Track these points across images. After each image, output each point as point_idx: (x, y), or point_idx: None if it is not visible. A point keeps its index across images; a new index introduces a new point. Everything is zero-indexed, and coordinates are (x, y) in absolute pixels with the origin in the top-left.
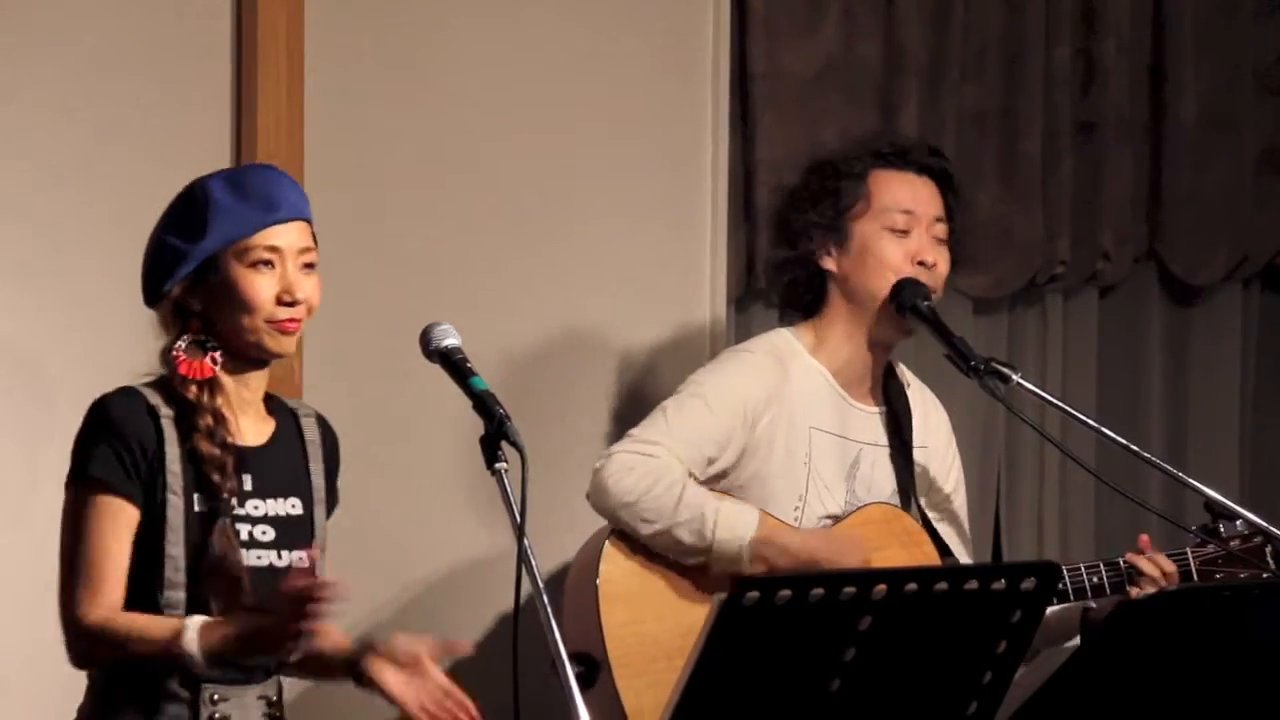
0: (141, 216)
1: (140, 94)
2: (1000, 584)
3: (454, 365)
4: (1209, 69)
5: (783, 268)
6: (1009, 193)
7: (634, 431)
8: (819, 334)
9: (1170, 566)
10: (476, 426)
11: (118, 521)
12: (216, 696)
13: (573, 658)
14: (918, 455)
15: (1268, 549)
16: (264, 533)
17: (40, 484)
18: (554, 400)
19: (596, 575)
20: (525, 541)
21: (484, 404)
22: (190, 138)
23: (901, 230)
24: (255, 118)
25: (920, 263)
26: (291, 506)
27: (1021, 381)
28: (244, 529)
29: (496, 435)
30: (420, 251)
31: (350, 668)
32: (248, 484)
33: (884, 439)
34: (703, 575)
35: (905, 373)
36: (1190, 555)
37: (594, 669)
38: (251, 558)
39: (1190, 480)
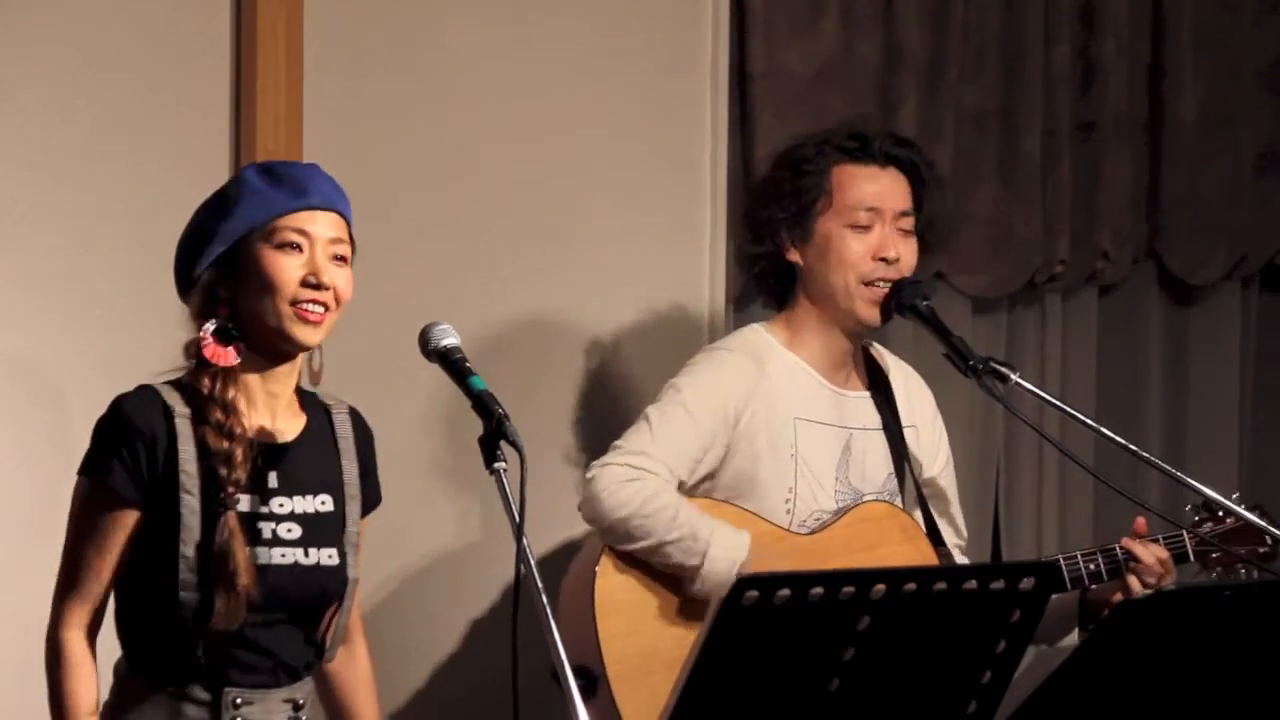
0: (141, 216)
1: (140, 94)
2: (999, 584)
3: (453, 365)
4: (1208, 69)
5: (751, 261)
6: (1008, 192)
7: (620, 442)
8: (792, 327)
9: (1165, 554)
10: (475, 426)
11: (114, 526)
12: (240, 700)
13: (572, 670)
14: (907, 435)
15: (1265, 521)
16: (289, 530)
17: (47, 485)
18: (553, 400)
19: (593, 587)
20: (524, 541)
21: (483, 403)
22: (190, 138)
23: (864, 226)
24: (255, 118)
25: (882, 258)
26: (321, 503)
27: (1020, 381)
28: (268, 526)
29: (495, 435)
30: (419, 251)
31: None
32: (273, 481)
33: (876, 421)
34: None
35: (882, 354)
36: (1186, 537)
37: (593, 682)
38: (276, 555)
39: (1189, 479)
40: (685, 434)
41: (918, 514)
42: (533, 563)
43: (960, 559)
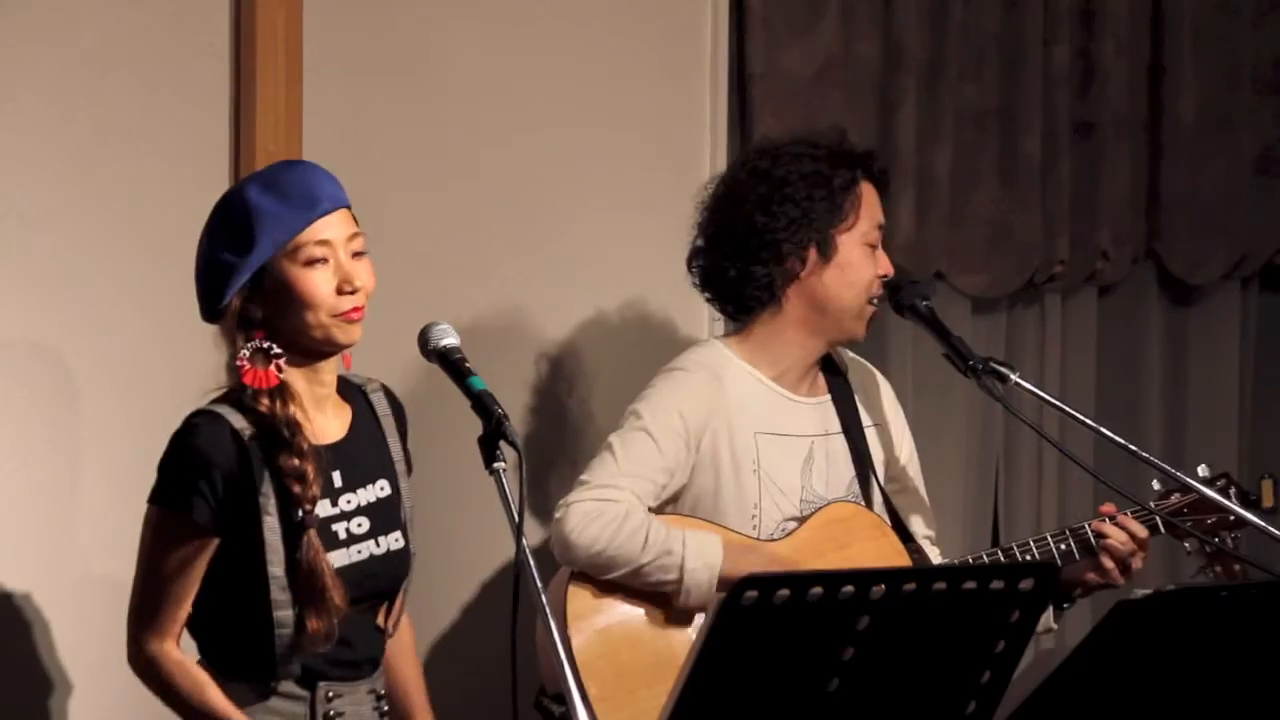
0: (141, 216)
1: (140, 94)
2: (998, 584)
3: (452, 365)
4: (1208, 68)
5: (747, 275)
6: (1008, 192)
7: (586, 477)
8: (757, 342)
9: (1138, 529)
10: (475, 426)
11: (195, 557)
12: (332, 693)
13: (553, 699)
14: (869, 434)
15: (1231, 490)
16: (359, 525)
17: (47, 485)
18: (552, 400)
19: (565, 614)
20: (524, 541)
21: (482, 403)
22: (190, 137)
23: (873, 245)
24: (254, 118)
25: (883, 276)
26: (381, 489)
27: (1019, 381)
28: (340, 527)
29: (494, 435)
30: (419, 251)
31: None
32: (338, 480)
33: (836, 425)
34: (670, 599)
35: (842, 354)
36: (1154, 511)
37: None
38: (352, 554)
39: (1188, 479)
40: (650, 459)
41: (883, 511)
42: (532, 563)
43: (931, 550)
